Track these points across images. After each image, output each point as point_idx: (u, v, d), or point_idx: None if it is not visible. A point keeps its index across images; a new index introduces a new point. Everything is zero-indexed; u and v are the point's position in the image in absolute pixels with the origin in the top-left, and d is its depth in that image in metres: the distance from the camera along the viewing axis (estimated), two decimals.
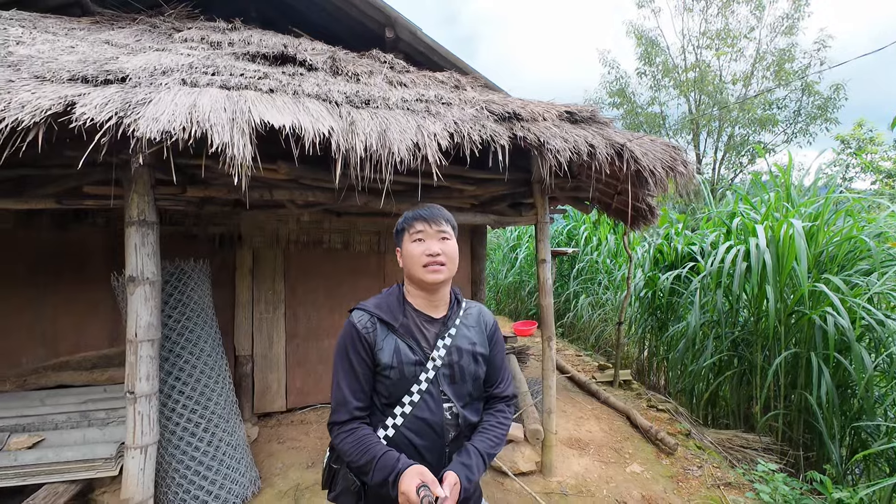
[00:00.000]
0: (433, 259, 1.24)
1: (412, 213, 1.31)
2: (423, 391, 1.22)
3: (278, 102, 2.07)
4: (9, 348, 3.30)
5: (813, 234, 4.11)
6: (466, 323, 1.34)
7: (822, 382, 3.53)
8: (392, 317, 1.26)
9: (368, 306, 1.29)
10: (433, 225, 1.27)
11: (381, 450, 1.14)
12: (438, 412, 1.23)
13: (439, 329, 1.30)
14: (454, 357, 1.27)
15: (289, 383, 4.10)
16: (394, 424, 1.21)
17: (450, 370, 1.26)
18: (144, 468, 2.22)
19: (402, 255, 1.31)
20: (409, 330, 1.26)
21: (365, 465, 1.14)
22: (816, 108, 12.42)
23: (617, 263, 7.44)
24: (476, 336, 1.33)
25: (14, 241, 3.35)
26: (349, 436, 1.19)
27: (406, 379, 1.22)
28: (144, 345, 2.24)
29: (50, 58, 2.01)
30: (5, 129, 1.53)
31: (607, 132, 2.63)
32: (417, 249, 1.25)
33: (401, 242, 1.32)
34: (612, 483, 3.04)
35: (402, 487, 1.06)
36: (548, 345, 3.08)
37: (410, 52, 3.84)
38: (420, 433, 1.21)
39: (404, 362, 1.22)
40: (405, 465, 1.11)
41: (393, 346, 1.23)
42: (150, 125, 1.64)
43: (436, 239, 1.27)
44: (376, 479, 1.12)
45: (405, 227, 1.30)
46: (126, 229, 2.22)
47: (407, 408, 1.22)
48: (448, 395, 1.25)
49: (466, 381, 1.28)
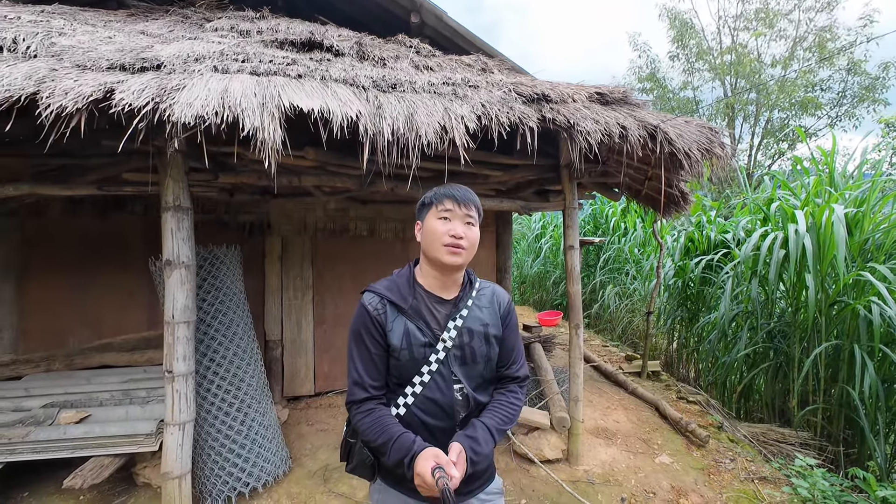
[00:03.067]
0: (455, 241, 1.22)
1: (443, 189, 1.28)
2: (433, 372, 1.22)
3: (307, 87, 2.08)
4: (58, 329, 3.50)
5: (858, 220, 3.90)
6: (479, 304, 1.32)
7: (865, 376, 3.36)
8: (402, 298, 1.26)
9: (379, 288, 1.29)
10: (462, 207, 1.25)
11: (398, 431, 1.16)
12: (448, 393, 1.23)
13: (450, 310, 1.28)
14: (465, 339, 1.26)
15: (317, 368, 4.19)
16: (405, 403, 1.23)
17: (460, 351, 1.25)
18: (182, 444, 2.31)
19: (423, 230, 1.28)
20: (418, 311, 1.25)
21: (382, 445, 1.16)
22: (863, 89, 11.67)
23: (645, 253, 7.26)
24: (489, 317, 1.31)
25: (60, 228, 3.52)
26: (366, 416, 1.20)
27: (416, 360, 1.22)
28: (181, 326, 2.32)
29: (90, 48, 2.07)
30: (51, 115, 1.60)
31: (640, 114, 2.55)
32: (442, 227, 1.23)
33: (424, 216, 1.29)
34: (641, 473, 2.99)
35: (418, 469, 1.07)
36: (575, 332, 3.04)
37: (435, 36, 3.80)
38: (431, 413, 1.22)
39: (413, 344, 1.22)
40: (420, 448, 1.12)
41: (403, 327, 1.23)
42: (185, 110, 1.68)
43: (461, 222, 1.25)
44: (392, 459, 1.13)
45: (433, 202, 1.27)
46: (162, 214, 2.29)
47: (417, 388, 1.22)
48: (458, 376, 1.24)
49: (478, 363, 1.27)
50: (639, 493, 2.79)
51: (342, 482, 2.84)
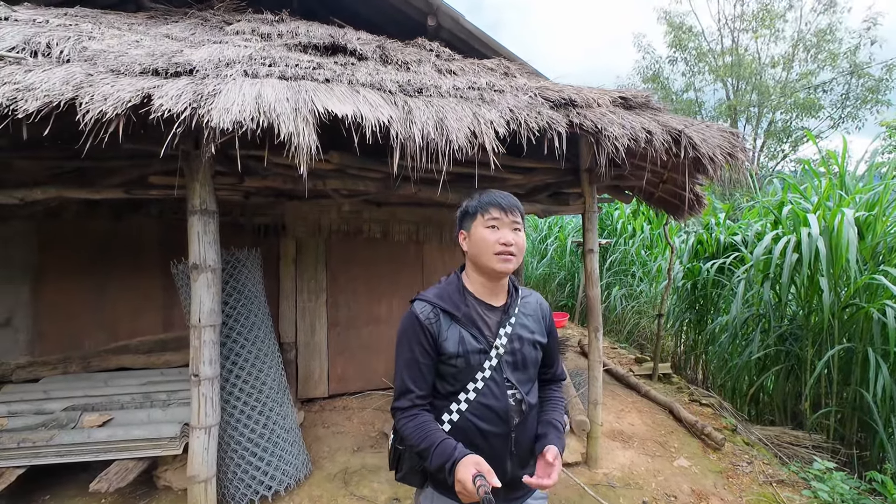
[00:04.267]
0: (506, 248, 1.23)
1: (488, 197, 1.28)
2: (486, 378, 1.24)
3: (336, 92, 2.09)
4: (74, 331, 3.49)
5: (870, 223, 3.92)
6: (525, 311, 1.35)
7: (879, 378, 3.38)
8: (454, 307, 1.27)
9: (430, 297, 1.30)
10: (509, 214, 1.26)
11: (440, 437, 1.17)
12: (503, 399, 1.24)
13: (500, 317, 1.30)
14: (516, 345, 1.28)
15: (330, 370, 4.19)
16: (458, 410, 1.24)
17: (512, 357, 1.27)
18: (208, 448, 2.31)
19: (470, 239, 1.29)
20: (471, 319, 1.27)
21: (424, 450, 1.17)
22: (867, 90, 11.73)
23: (652, 255, 7.28)
24: (534, 325, 1.34)
25: (76, 230, 3.52)
26: (410, 421, 1.22)
27: (471, 367, 1.24)
28: (207, 330, 2.32)
29: (120, 52, 2.07)
30: (90, 121, 1.60)
31: (663, 118, 2.56)
32: (491, 236, 1.24)
33: (469, 226, 1.29)
34: (661, 476, 3.00)
35: (459, 476, 1.07)
36: (595, 336, 3.05)
37: (451, 39, 3.80)
38: (485, 419, 1.23)
39: (469, 351, 1.23)
40: (461, 455, 1.12)
41: (458, 335, 1.24)
42: (223, 115, 1.68)
43: (510, 228, 1.26)
44: (434, 464, 1.14)
45: (479, 211, 1.27)
46: (189, 218, 2.29)
47: (471, 394, 1.24)
48: (512, 381, 1.26)
49: (528, 368, 1.31)
50: (660, 496, 2.80)
51: (363, 485, 2.85)
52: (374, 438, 3.45)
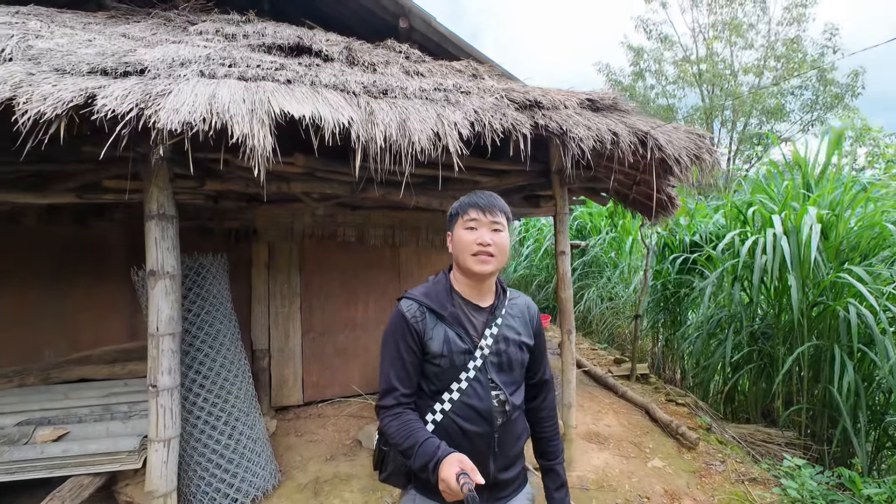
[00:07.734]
0: (483, 249, 1.23)
1: (468, 198, 1.29)
2: (471, 379, 1.23)
3: (297, 93, 2.04)
4: (32, 341, 3.34)
5: (832, 223, 4.01)
6: (512, 313, 1.34)
7: (845, 375, 3.44)
8: (441, 306, 1.26)
9: (417, 295, 1.29)
10: (488, 214, 1.25)
11: (424, 436, 1.16)
12: (487, 399, 1.24)
13: (487, 318, 1.30)
14: (501, 346, 1.28)
15: (305, 377, 4.10)
16: (442, 410, 1.23)
17: (497, 358, 1.27)
18: (167, 461, 2.22)
19: (453, 241, 1.30)
20: (457, 318, 1.26)
21: (408, 449, 1.15)
22: (833, 97, 12.14)
23: (621, 255, 7.33)
24: (521, 326, 1.34)
25: (36, 236, 3.38)
26: (394, 419, 1.21)
27: (456, 367, 1.23)
28: (166, 338, 2.24)
29: (69, 51, 1.99)
30: (28, 122, 1.52)
31: (630, 120, 2.57)
32: (469, 237, 1.24)
33: (452, 227, 1.30)
34: (634, 478, 3.00)
35: (442, 474, 1.06)
36: (567, 338, 3.04)
37: (424, 41, 3.79)
38: (469, 419, 1.23)
39: (454, 351, 1.23)
40: (445, 453, 1.10)
41: (443, 334, 1.23)
42: (171, 116, 1.62)
43: (488, 229, 1.25)
44: (417, 463, 1.13)
45: (458, 213, 1.28)
46: (146, 223, 2.22)
47: (455, 394, 1.23)
48: (496, 382, 1.25)
49: (514, 369, 1.30)
50: (633, 498, 2.80)
51: (334, 495, 2.78)
52: (348, 446, 3.39)
